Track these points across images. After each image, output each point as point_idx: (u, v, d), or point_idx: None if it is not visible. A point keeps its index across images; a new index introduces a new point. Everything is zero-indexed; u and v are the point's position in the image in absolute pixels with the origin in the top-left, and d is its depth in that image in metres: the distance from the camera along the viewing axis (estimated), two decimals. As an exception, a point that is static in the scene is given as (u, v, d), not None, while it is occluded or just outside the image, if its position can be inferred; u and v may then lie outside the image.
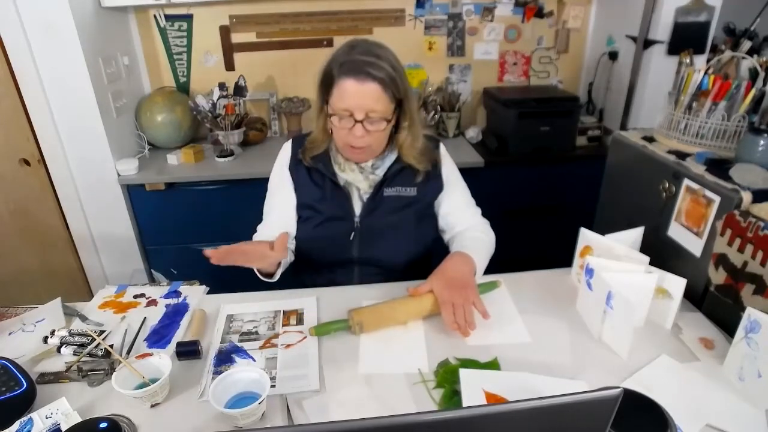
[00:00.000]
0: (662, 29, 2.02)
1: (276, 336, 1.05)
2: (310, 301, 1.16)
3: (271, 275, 1.16)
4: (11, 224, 2.09)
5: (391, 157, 1.21)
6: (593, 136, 2.31)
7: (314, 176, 1.22)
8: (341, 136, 1.12)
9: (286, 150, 1.26)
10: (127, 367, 0.88)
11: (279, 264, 1.15)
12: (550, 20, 2.48)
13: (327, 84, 1.09)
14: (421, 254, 1.26)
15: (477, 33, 2.47)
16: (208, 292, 1.23)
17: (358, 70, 1.04)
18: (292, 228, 1.25)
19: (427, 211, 1.27)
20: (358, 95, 1.05)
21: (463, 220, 1.27)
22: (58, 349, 0.99)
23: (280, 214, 1.24)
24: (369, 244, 1.22)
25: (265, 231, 1.24)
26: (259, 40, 2.39)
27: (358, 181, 1.20)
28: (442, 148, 1.28)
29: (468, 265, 1.13)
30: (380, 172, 1.20)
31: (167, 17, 2.30)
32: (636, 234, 1.15)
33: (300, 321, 1.09)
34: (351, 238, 1.22)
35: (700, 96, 1.24)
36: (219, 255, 0.93)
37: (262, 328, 1.07)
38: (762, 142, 1.07)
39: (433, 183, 1.24)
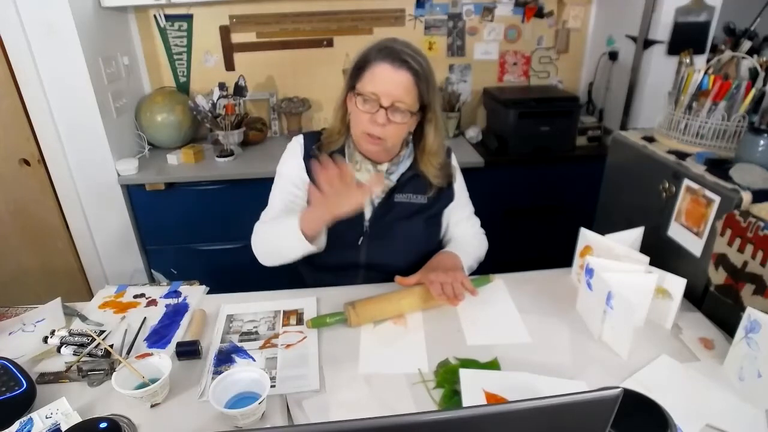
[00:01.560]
0: (662, 29, 2.02)
1: (276, 336, 1.05)
2: (310, 301, 1.16)
3: (312, 239, 1.07)
4: (11, 224, 2.09)
5: (406, 164, 1.20)
6: (593, 136, 2.31)
7: None
8: (361, 122, 1.10)
9: (297, 143, 1.24)
10: (127, 367, 0.88)
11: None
12: (550, 20, 2.48)
13: (360, 67, 1.09)
14: (425, 258, 1.25)
15: (477, 33, 2.47)
16: (208, 292, 1.23)
17: (396, 56, 1.05)
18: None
19: (435, 218, 1.27)
20: (390, 81, 1.05)
21: (463, 229, 1.31)
22: (58, 349, 0.99)
23: (291, 200, 1.20)
24: (377, 249, 1.22)
25: (270, 216, 1.21)
26: (259, 40, 2.39)
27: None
28: (453, 158, 1.29)
29: (455, 260, 1.17)
30: (394, 178, 1.20)
31: (167, 17, 2.30)
32: (636, 234, 1.15)
33: (300, 321, 1.09)
34: (359, 242, 1.21)
35: (700, 96, 1.24)
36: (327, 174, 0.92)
37: (262, 328, 1.07)
38: (762, 142, 1.07)
39: (445, 193, 1.24)
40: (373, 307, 1.08)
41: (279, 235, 1.10)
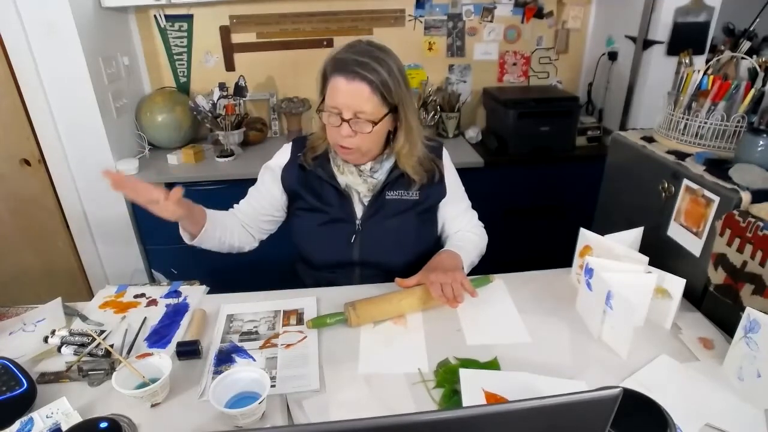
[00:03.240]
0: (662, 29, 2.02)
1: (276, 336, 1.05)
2: (310, 301, 1.16)
3: (193, 236, 1.15)
4: (11, 224, 2.09)
5: (390, 161, 1.21)
6: (593, 137, 2.31)
7: (314, 180, 1.21)
8: (331, 135, 1.12)
9: (284, 152, 1.26)
10: (127, 366, 0.88)
11: (203, 227, 1.14)
12: (550, 21, 2.48)
13: (323, 80, 1.10)
14: (422, 256, 1.26)
15: (477, 33, 2.48)
16: (208, 292, 1.23)
17: (347, 68, 1.03)
18: (256, 220, 1.27)
19: (429, 214, 1.27)
20: (347, 94, 1.04)
21: (460, 224, 1.30)
22: (59, 349, 0.99)
23: (254, 205, 1.27)
24: (370, 247, 1.22)
25: (237, 209, 1.29)
26: (259, 41, 2.39)
27: (357, 184, 1.20)
28: (446, 154, 1.28)
29: (455, 260, 1.17)
30: (379, 176, 1.20)
31: (167, 17, 2.30)
32: (635, 234, 1.15)
33: (300, 321, 1.09)
34: (352, 240, 1.22)
35: (699, 96, 1.25)
36: (115, 179, 0.95)
37: (262, 328, 1.08)
38: (761, 142, 1.07)
39: (436, 188, 1.24)
40: (373, 307, 1.08)
41: None
